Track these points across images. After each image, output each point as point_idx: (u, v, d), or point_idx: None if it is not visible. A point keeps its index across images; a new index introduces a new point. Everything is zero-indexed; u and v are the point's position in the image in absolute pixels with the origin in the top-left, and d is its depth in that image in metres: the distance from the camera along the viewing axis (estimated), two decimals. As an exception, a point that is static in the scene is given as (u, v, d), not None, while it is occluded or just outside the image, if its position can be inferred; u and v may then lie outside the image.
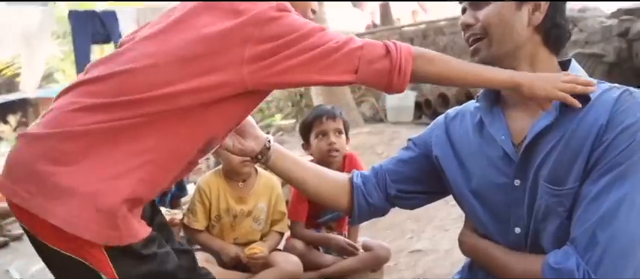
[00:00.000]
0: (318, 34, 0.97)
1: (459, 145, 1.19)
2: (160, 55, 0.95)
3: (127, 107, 0.93)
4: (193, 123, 0.97)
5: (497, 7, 1.04)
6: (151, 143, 0.95)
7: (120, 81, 0.95)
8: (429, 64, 1.00)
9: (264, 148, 1.21)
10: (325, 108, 2.32)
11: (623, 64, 5.47)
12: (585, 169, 0.96)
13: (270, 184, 2.26)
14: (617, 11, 5.73)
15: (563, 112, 1.01)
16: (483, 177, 1.12)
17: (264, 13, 0.94)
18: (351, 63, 0.96)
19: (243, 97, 0.99)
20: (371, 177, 1.28)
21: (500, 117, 1.11)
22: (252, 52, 0.93)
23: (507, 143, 1.07)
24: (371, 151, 4.83)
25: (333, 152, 2.22)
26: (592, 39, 5.63)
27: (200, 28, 0.96)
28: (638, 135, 0.93)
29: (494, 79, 1.02)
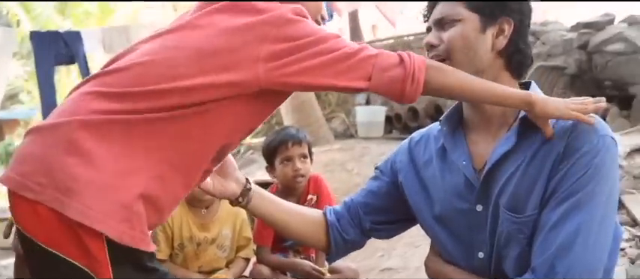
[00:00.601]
0: (333, 39, 0.97)
1: (423, 170, 1.19)
2: (179, 49, 0.96)
3: (143, 97, 0.92)
4: (208, 126, 0.96)
5: (462, 30, 1.04)
6: (165, 142, 0.93)
7: (138, 72, 0.94)
8: (442, 75, 0.99)
9: (244, 190, 1.19)
10: (290, 132, 2.29)
11: (583, 76, 5.65)
12: (543, 196, 0.96)
13: (234, 209, 2.21)
14: (576, 25, 5.93)
15: (522, 138, 1.01)
16: (446, 202, 1.11)
17: (282, 14, 0.96)
18: (365, 70, 0.96)
19: (256, 101, 0.99)
20: (344, 213, 1.27)
21: (462, 141, 1.11)
22: (269, 50, 0.94)
23: (468, 169, 1.07)
24: (341, 168, 4.83)
25: (298, 178, 2.19)
26: (554, 52, 5.79)
27: (220, 24, 0.96)
28: (595, 162, 0.93)
29: (508, 95, 1.00)
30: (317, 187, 2.23)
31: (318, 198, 2.24)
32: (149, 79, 0.93)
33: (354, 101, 7.96)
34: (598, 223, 0.92)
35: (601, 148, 0.94)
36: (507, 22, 1.03)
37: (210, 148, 1.01)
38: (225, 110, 0.97)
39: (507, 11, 1.04)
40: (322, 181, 2.31)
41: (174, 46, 0.97)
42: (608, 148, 0.95)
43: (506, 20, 1.03)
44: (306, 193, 2.23)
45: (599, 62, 5.43)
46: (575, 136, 0.96)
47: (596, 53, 5.47)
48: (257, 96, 0.98)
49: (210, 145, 1.00)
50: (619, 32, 5.31)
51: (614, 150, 0.96)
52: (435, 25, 1.08)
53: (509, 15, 1.04)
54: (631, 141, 3.99)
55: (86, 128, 0.90)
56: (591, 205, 0.92)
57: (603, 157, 0.93)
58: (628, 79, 5.18)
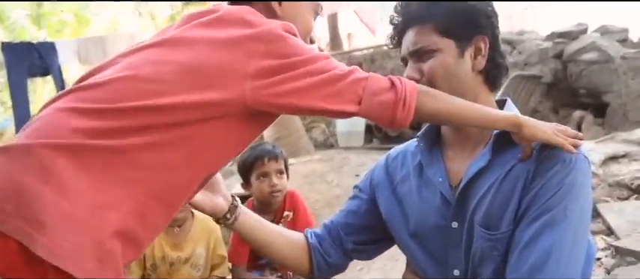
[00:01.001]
0: (324, 60, 0.94)
1: (399, 186, 1.18)
2: (162, 64, 0.91)
3: (123, 115, 0.86)
4: (193, 154, 0.91)
5: (441, 59, 1.03)
6: (148, 174, 0.87)
7: (118, 87, 0.88)
8: (433, 101, 0.97)
9: (232, 207, 1.16)
10: (266, 148, 2.26)
11: (559, 84, 5.74)
12: (516, 214, 0.97)
13: (207, 227, 2.18)
14: (551, 34, 6.03)
15: (497, 156, 1.01)
16: (422, 219, 1.11)
17: (272, 30, 0.92)
18: (356, 93, 0.93)
19: (243, 123, 0.94)
20: (324, 235, 1.25)
21: (439, 158, 1.11)
22: (257, 67, 0.90)
23: (444, 185, 1.07)
24: (321, 179, 4.79)
25: (275, 193, 2.16)
26: (530, 61, 5.88)
27: (206, 38, 0.92)
28: (567, 181, 0.93)
29: (498, 118, 0.99)
30: (293, 203, 2.20)
31: (295, 214, 2.22)
32: (130, 95, 0.87)
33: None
34: (571, 241, 0.92)
35: (573, 166, 0.94)
36: (482, 40, 1.04)
37: (197, 178, 0.96)
38: (209, 137, 0.92)
39: (480, 29, 1.04)
40: (298, 197, 2.28)
41: (156, 61, 0.92)
42: (581, 165, 0.95)
43: (481, 38, 1.04)
44: (282, 209, 2.20)
45: (573, 71, 5.52)
46: (547, 155, 0.96)
47: (570, 62, 5.56)
48: (243, 118, 0.93)
49: (196, 175, 0.95)
50: (592, 42, 5.41)
51: (586, 167, 0.96)
52: (412, 56, 1.07)
53: (482, 32, 1.04)
54: (606, 149, 4.04)
55: (63, 153, 0.82)
56: (564, 223, 0.92)
57: (575, 175, 0.94)
58: (601, 88, 5.28)
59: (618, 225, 2.84)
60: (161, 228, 0.97)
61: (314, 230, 1.28)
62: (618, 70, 5.16)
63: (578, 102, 5.60)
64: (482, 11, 1.05)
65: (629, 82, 5.08)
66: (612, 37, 5.59)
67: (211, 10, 0.99)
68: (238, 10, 0.98)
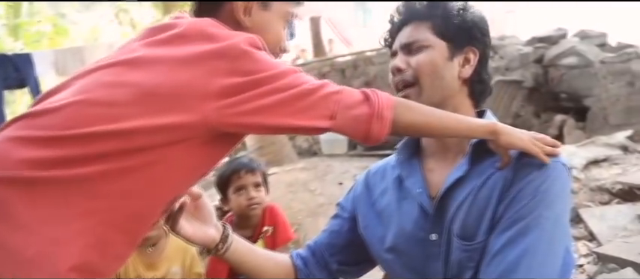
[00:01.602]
0: (292, 75, 0.88)
1: (379, 200, 1.16)
2: (117, 86, 0.84)
3: (76, 142, 0.80)
4: (154, 181, 0.85)
5: (431, 56, 1.04)
6: (106, 203, 0.81)
7: (70, 112, 0.82)
8: (410, 113, 0.93)
9: (223, 236, 1.10)
10: (243, 161, 2.22)
11: (540, 89, 5.78)
12: (492, 223, 0.95)
13: (182, 245, 2.11)
14: (531, 39, 6.08)
15: (475, 165, 1.00)
16: (401, 231, 1.08)
17: (235, 45, 0.86)
18: (328, 108, 0.87)
19: (207, 145, 0.87)
20: (309, 257, 1.22)
21: (418, 169, 1.10)
22: (220, 86, 0.83)
23: (423, 196, 1.05)
24: (304, 188, 4.75)
25: (252, 206, 2.11)
26: (511, 65, 5.91)
27: (164, 56, 0.86)
28: (542, 188, 0.92)
29: (475, 127, 0.97)
30: (273, 218, 2.15)
31: (274, 229, 2.17)
32: (82, 121, 0.81)
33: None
34: (544, 248, 0.90)
35: (550, 174, 0.93)
36: (473, 51, 1.06)
37: (159, 204, 0.90)
38: (172, 161, 0.86)
39: (473, 41, 1.06)
40: (278, 211, 2.24)
41: (111, 83, 0.85)
42: (558, 174, 0.94)
43: (472, 50, 1.06)
44: (261, 224, 2.15)
45: (554, 75, 5.56)
46: (524, 162, 0.95)
47: (551, 67, 5.61)
48: (208, 140, 0.87)
49: (158, 201, 0.90)
50: (572, 46, 5.47)
51: (564, 176, 0.95)
52: (402, 49, 1.07)
53: (475, 45, 1.06)
54: (587, 153, 4.06)
55: (15, 188, 0.77)
56: (537, 230, 0.90)
57: (551, 183, 0.92)
58: (582, 92, 5.32)
59: (600, 230, 2.85)
60: (125, 257, 0.91)
61: (299, 252, 1.25)
62: (598, 74, 5.21)
63: (559, 106, 5.65)
64: (478, 26, 1.07)
65: (608, 86, 5.13)
66: (591, 41, 5.64)
67: (170, 25, 0.93)
68: (199, 23, 0.92)
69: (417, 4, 1.08)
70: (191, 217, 1.06)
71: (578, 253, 2.69)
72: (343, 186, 4.63)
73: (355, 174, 4.82)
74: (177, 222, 1.03)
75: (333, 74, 8.12)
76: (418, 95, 1.04)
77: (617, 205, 3.18)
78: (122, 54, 0.91)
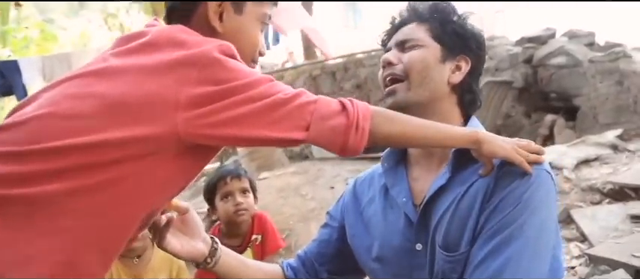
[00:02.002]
0: (266, 84, 0.85)
1: (366, 209, 1.15)
2: (81, 98, 0.81)
3: (41, 157, 0.77)
4: (124, 198, 0.81)
5: (423, 54, 1.04)
6: (72, 222, 0.78)
7: (35, 126, 0.79)
8: (389, 123, 0.90)
9: (212, 250, 1.08)
10: (228, 168, 2.19)
11: (530, 89, 5.79)
12: (474, 233, 0.93)
13: (168, 256, 2.04)
14: (521, 39, 6.09)
15: (456, 173, 0.98)
16: (387, 242, 1.07)
17: (205, 53, 0.82)
18: (303, 118, 0.84)
19: (180, 158, 0.84)
20: (299, 267, 1.21)
21: (403, 178, 1.08)
22: (190, 95, 0.79)
23: (408, 206, 1.04)
24: (295, 193, 4.71)
25: (240, 212, 2.08)
26: (501, 66, 5.92)
27: (133, 66, 0.83)
28: (524, 197, 0.90)
29: (456, 136, 0.94)
30: (261, 226, 2.13)
31: (263, 237, 2.14)
32: (48, 135, 0.78)
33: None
34: (529, 257, 0.88)
35: (532, 182, 0.91)
36: (465, 60, 1.06)
37: (131, 222, 0.87)
38: (143, 176, 0.82)
39: (467, 50, 1.06)
40: (267, 219, 2.21)
41: (76, 95, 0.82)
42: (542, 182, 0.92)
43: (464, 58, 1.06)
44: (250, 233, 2.13)
45: (543, 75, 5.57)
46: (506, 171, 0.93)
47: (540, 67, 5.62)
48: (180, 152, 0.83)
49: (131, 219, 0.86)
50: (560, 46, 5.48)
51: (548, 183, 0.93)
52: (397, 46, 1.08)
53: (468, 54, 1.06)
54: (578, 153, 4.07)
55: None
56: (520, 240, 0.88)
57: (534, 191, 0.90)
58: (571, 91, 5.33)
59: (591, 231, 2.84)
60: (100, 274, 0.87)
61: (289, 262, 1.24)
62: (587, 73, 5.22)
63: (549, 106, 5.66)
64: (475, 37, 1.07)
65: (597, 85, 5.14)
66: (580, 41, 5.66)
67: (140, 34, 0.89)
68: (168, 30, 0.89)
69: (420, 6, 1.09)
70: (178, 232, 1.04)
71: (570, 255, 2.68)
72: (335, 190, 4.61)
73: (347, 177, 4.79)
74: (165, 237, 1.01)
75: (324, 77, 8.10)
76: (406, 91, 1.03)
77: (608, 205, 3.18)
78: (91, 65, 0.88)
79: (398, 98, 1.03)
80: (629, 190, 3.21)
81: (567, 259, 2.62)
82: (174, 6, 0.97)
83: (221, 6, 0.95)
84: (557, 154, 4.03)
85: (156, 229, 1.01)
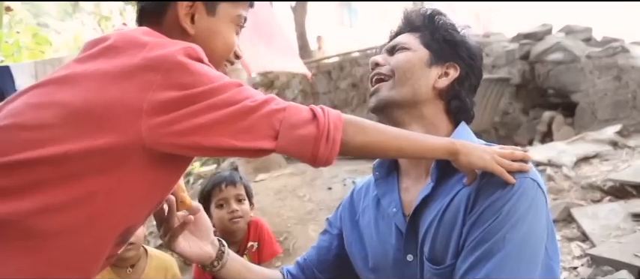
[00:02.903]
0: (233, 89, 0.81)
1: (361, 219, 1.15)
2: (44, 107, 0.77)
3: (7, 171, 0.74)
4: (97, 215, 0.78)
5: (409, 55, 1.05)
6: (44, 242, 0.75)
7: (0, 138, 0.76)
8: (361, 133, 0.86)
9: (219, 253, 1.07)
10: (223, 175, 2.15)
11: (528, 85, 5.75)
12: (458, 245, 0.92)
13: (163, 265, 2.04)
14: (517, 35, 6.05)
15: (441, 183, 0.97)
16: (380, 252, 1.06)
17: (169, 56, 0.78)
18: (271, 127, 0.81)
19: (152, 168, 0.80)
20: (298, 274, 1.21)
21: (394, 188, 1.07)
22: (152, 101, 0.76)
23: (398, 216, 1.03)
24: (293, 194, 4.67)
25: (234, 220, 2.04)
26: (498, 63, 5.88)
27: (94, 72, 0.79)
28: (505, 208, 0.88)
29: (432, 147, 0.91)
30: (257, 233, 2.09)
31: (260, 244, 2.11)
32: (10, 147, 0.75)
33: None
34: (510, 271, 0.86)
35: (515, 192, 0.88)
36: (453, 67, 1.05)
37: (106, 239, 0.83)
38: (114, 190, 0.78)
39: (456, 58, 1.05)
40: (263, 226, 2.17)
41: (38, 104, 0.78)
42: (525, 191, 0.89)
43: (453, 65, 1.05)
44: (246, 240, 2.09)
45: (541, 72, 5.54)
46: (488, 181, 0.91)
47: (537, 63, 5.58)
48: (150, 162, 0.79)
49: (105, 236, 0.83)
50: (557, 42, 5.44)
51: (533, 192, 0.90)
52: (387, 50, 1.10)
53: (457, 62, 1.05)
54: (577, 150, 4.03)
55: None
56: (502, 253, 0.86)
57: (517, 202, 0.88)
58: (569, 88, 5.30)
59: (593, 230, 2.80)
60: None
61: (288, 268, 1.23)
62: (584, 69, 5.19)
63: (547, 102, 5.62)
64: (466, 46, 1.06)
65: (595, 81, 5.11)
66: (576, 36, 5.63)
67: (103, 38, 0.85)
68: (131, 33, 0.84)
69: (414, 16, 1.10)
70: (188, 233, 1.02)
71: (572, 255, 2.64)
72: (332, 191, 4.56)
73: (345, 178, 4.74)
74: (176, 238, 1.00)
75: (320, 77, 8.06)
76: (389, 89, 1.04)
77: (609, 203, 3.14)
78: (54, 72, 0.84)
79: (380, 96, 1.04)
80: (630, 188, 3.17)
81: (569, 260, 2.58)
82: (144, 7, 0.93)
83: (192, 7, 0.91)
84: (556, 151, 3.99)
85: (168, 228, 0.99)
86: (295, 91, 8.48)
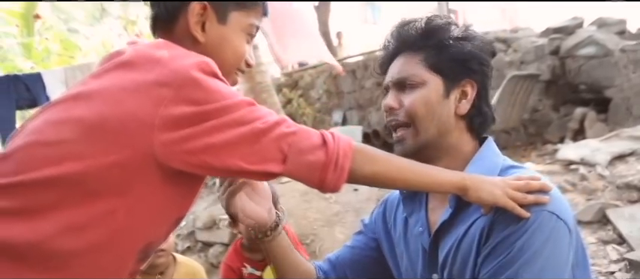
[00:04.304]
0: (245, 108, 0.82)
1: (392, 231, 1.15)
2: (63, 124, 0.80)
3: (28, 189, 0.76)
4: (117, 233, 0.79)
5: (425, 95, 0.98)
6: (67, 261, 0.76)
7: (20, 157, 0.79)
8: (370, 163, 0.87)
9: (274, 224, 1.07)
10: (249, 180, 2.13)
11: (558, 81, 5.59)
12: (474, 273, 0.92)
13: (191, 271, 2.06)
14: (546, 30, 5.88)
15: (460, 208, 0.95)
16: (410, 267, 1.07)
17: (183, 71, 0.79)
18: (280, 150, 0.82)
19: (170, 182, 0.81)
20: (330, 271, 1.19)
21: (421, 207, 1.06)
22: (165, 115, 0.77)
23: (424, 236, 1.02)
24: (319, 196, 4.64)
25: (262, 230, 2.03)
26: (526, 58, 5.74)
27: (110, 87, 0.81)
28: (517, 245, 0.85)
29: (441, 183, 0.91)
30: (283, 238, 2.07)
31: (285, 249, 2.08)
32: (32, 164, 0.76)
33: (330, 121, 7.84)
34: None
35: (529, 227, 0.85)
36: (470, 84, 1.00)
37: (127, 258, 0.84)
38: (135, 207, 0.79)
39: (470, 73, 1.00)
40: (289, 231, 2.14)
41: (57, 120, 0.80)
42: (541, 225, 0.85)
43: (469, 83, 1.00)
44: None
45: (572, 67, 5.37)
46: (503, 212, 0.87)
47: (568, 58, 5.41)
48: (167, 179, 0.80)
49: (125, 255, 0.83)
50: (589, 36, 5.26)
51: (551, 225, 0.85)
52: (395, 85, 1.02)
53: (472, 77, 1.00)
54: (611, 148, 3.89)
55: None
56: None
57: (531, 237, 0.84)
58: (603, 83, 5.12)
59: (630, 232, 2.70)
60: None
61: (319, 264, 1.21)
62: (618, 63, 5.01)
63: (579, 98, 5.45)
64: (475, 56, 1.00)
65: (630, 75, 4.93)
66: (610, 29, 5.43)
67: (118, 53, 0.86)
68: (146, 47, 0.85)
69: (408, 35, 1.02)
70: (246, 197, 1.01)
71: (608, 259, 2.55)
72: (359, 193, 4.52)
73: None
74: (234, 197, 0.98)
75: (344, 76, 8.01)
76: (414, 136, 0.99)
77: (646, 204, 3.02)
78: (71, 89, 0.85)
79: (407, 146, 0.99)
80: (669, 187, 3.04)
81: (605, 264, 2.49)
82: (157, 15, 0.94)
83: (203, 15, 0.91)
84: (589, 149, 3.87)
85: (228, 185, 0.99)
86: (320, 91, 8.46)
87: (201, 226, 4.60)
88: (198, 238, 4.69)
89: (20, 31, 9.48)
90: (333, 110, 8.17)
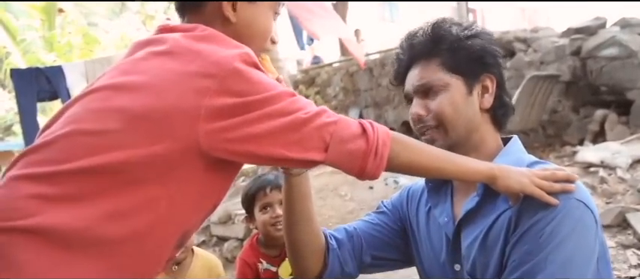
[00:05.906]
0: (287, 99, 0.84)
1: (414, 220, 1.16)
2: (104, 112, 0.80)
3: (72, 177, 0.76)
4: (159, 221, 0.81)
5: (450, 97, 1.01)
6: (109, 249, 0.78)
7: (62, 145, 0.79)
8: (407, 151, 0.89)
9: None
10: (268, 178, 2.14)
11: (578, 82, 5.51)
12: (501, 263, 0.92)
13: (208, 264, 2.06)
14: (567, 30, 5.79)
15: (487, 198, 0.96)
16: (432, 258, 1.08)
17: (225, 63, 0.80)
18: (322, 139, 0.84)
19: (210, 173, 0.83)
20: (345, 241, 1.16)
21: (447, 197, 1.08)
22: (209, 106, 0.78)
23: (449, 226, 1.03)
24: (334, 193, 4.66)
25: (278, 225, 2.03)
26: (546, 59, 5.67)
27: (152, 77, 0.81)
28: (546, 230, 0.87)
29: (472, 171, 0.93)
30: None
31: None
32: (76, 153, 0.77)
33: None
34: None
35: (557, 213, 0.87)
36: (489, 78, 1.03)
37: (167, 244, 0.85)
38: (176, 197, 0.81)
39: (488, 67, 1.03)
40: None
41: (99, 110, 0.81)
42: (568, 212, 0.87)
43: (488, 77, 1.03)
44: (287, 240, 2.07)
45: (593, 68, 5.28)
46: (531, 201, 0.89)
47: (589, 59, 5.33)
48: (208, 166, 0.82)
49: (165, 242, 0.85)
50: (612, 36, 5.17)
51: (578, 213, 0.88)
52: (417, 93, 1.04)
53: (490, 71, 1.03)
54: (633, 151, 3.83)
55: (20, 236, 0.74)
56: (543, 275, 0.85)
57: (559, 223, 0.86)
58: (625, 84, 5.04)
59: (651, 237, 2.65)
60: None
61: (332, 232, 1.18)
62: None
63: (599, 100, 5.36)
64: (488, 50, 1.03)
65: (653, 77, 4.83)
66: (633, 30, 5.31)
67: (157, 40, 0.87)
68: (186, 39, 0.86)
69: (421, 40, 1.04)
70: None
71: (628, 264, 2.51)
72: (374, 190, 4.52)
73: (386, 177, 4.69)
74: None
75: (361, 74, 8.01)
76: (445, 136, 1.01)
77: (668, 208, 2.96)
78: (109, 76, 0.85)
79: (439, 146, 1.00)
80: (692, 192, 2.98)
81: (625, 269, 2.46)
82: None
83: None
84: (609, 152, 3.81)
85: None
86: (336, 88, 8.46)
87: (216, 220, 4.64)
88: (213, 233, 4.73)
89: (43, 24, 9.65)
90: (350, 108, 8.16)
